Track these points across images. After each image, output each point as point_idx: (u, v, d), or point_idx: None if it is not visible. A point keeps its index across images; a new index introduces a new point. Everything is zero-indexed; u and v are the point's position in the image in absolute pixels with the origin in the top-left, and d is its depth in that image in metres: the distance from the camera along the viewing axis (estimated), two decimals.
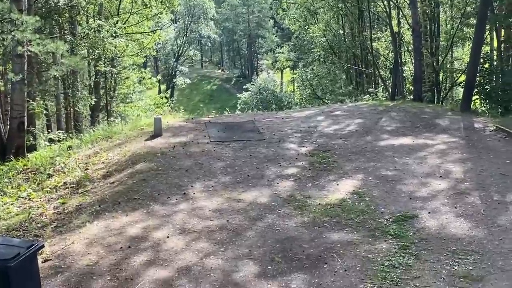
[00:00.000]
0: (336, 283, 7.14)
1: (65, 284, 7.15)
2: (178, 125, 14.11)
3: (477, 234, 8.25)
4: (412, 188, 9.73)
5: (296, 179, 9.99)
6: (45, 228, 8.75)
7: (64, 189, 10.08)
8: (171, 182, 9.81)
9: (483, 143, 11.92)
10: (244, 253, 7.75)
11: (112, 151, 12.20)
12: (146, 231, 8.33)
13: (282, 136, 12.75)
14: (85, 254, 7.78)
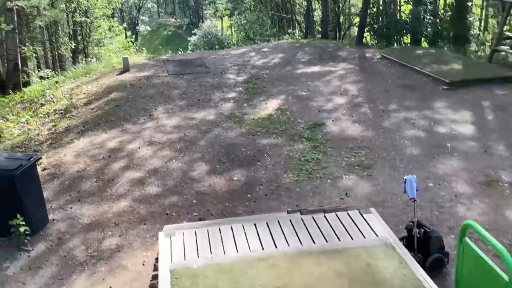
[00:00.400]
0: (266, 174, 7.87)
1: (61, 186, 7.80)
2: (142, 62, 14.17)
3: (367, 134, 9.10)
4: (320, 103, 10.32)
5: (235, 101, 10.46)
6: (41, 145, 9.27)
7: (54, 114, 10.34)
8: (139, 107, 10.15)
9: (372, 68, 12.51)
10: (198, 157, 8.46)
11: (91, 84, 12.33)
12: (121, 144, 8.89)
13: (223, 68, 13.07)
14: (74, 163, 8.39)
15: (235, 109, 10.26)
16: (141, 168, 8.06)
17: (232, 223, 5.70)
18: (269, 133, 9.15)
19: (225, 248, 5.11)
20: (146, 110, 10.25)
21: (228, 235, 5.38)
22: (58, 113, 10.64)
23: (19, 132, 9.86)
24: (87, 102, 11.04)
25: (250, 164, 8.09)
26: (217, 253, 5.02)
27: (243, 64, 13.64)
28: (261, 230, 5.48)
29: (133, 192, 7.40)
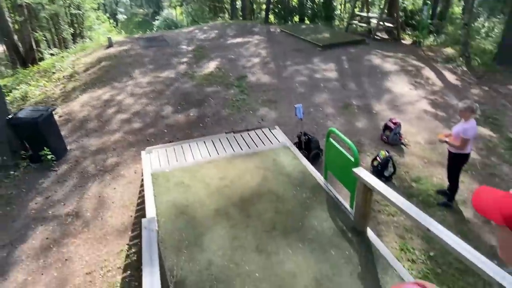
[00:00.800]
0: (211, 110, 7.92)
1: (73, 127, 7.50)
2: (121, 40, 13.24)
3: (273, 81, 9.16)
4: (243, 63, 10.22)
5: (187, 63, 10.17)
6: (56, 100, 8.66)
7: (63, 79, 9.66)
8: (122, 70, 9.65)
9: (275, 39, 12.42)
10: (165, 102, 8.31)
11: (87, 57, 11.46)
12: (112, 96, 8.53)
13: (178, 42, 12.50)
14: (81, 111, 8.02)
15: (188, 69, 9.92)
16: (127, 111, 7.80)
17: (190, 142, 5.72)
18: (212, 83, 8.96)
19: (186, 157, 5.17)
20: (127, 72, 9.71)
21: (188, 150, 5.43)
22: (66, 78, 9.93)
23: (39, 92, 9.18)
24: (85, 69, 10.35)
25: (200, 104, 7.99)
26: (181, 161, 5.07)
27: (191, 38, 13.11)
28: (209, 145, 5.55)
29: (123, 127, 7.22)
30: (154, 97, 8.34)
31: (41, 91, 9.28)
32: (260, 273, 3.23)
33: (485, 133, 6.84)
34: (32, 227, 4.84)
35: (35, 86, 9.66)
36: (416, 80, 8.99)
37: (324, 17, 16.44)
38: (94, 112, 7.78)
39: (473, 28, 11.96)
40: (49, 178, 5.82)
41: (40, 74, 10.76)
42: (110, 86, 8.98)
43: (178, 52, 11.39)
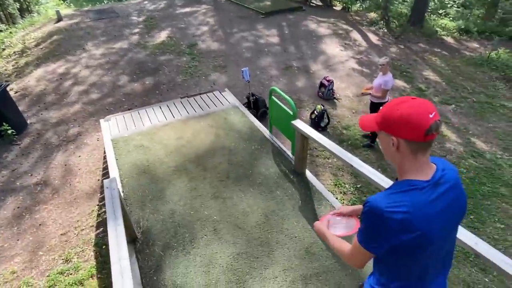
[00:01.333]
0: (166, 78, 7.51)
1: (31, 101, 6.80)
2: (71, 13, 11.73)
3: (222, 48, 8.78)
4: (193, 31, 9.61)
5: (139, 34, 9.37)
6: (10, 76, 7.67)
7: (14, 55, 8.50)
8: (74, 43, 8.67)
9: (221, 7, 11.71)
10: (120, 72, 7.70)
11: (36, 31, 10.08)
12: (67, 70, 7.72)
13: (128, 13, 11.36)
14: (37, 86, 7.22)
15: (140, 39, 9.12)
16: (84, 83, 7.15)
17: (147, 108, 5.46)
18: (164, 52, 8.38)
19: (144, 122, 4.96)
20: (79, 45, 8.74)
21: (145, 115, 5.19)
22: (17, 53, 8.75)
23: None
24: (36, 44, 9.15)
25: (155, 73, 7.52)
26: (139, 126, 4.86)
27: (141, 9, 11.97)
28: (165, 110, 5.34)
29: (82, 99, 6.66)
30: (109, 68, 7.69)
31: None
32: (218, 216, 3.31)
33: (400, 84, 7.23)
34: (2, 198, 4.51)
35: None
36: (346, 42, 9.10)
37: None
38: (51, 86, 7.06)
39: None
40: (12, 151, 5.35)
41: None
42: (64, 59, 8.11)
43: (129, 23, 10.43)
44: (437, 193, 1.13)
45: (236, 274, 2.73)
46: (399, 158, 1.17)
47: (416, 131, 1.07)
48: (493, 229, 4.01)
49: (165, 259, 2.89)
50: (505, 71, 7.90)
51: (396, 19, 10.82)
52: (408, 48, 9.17)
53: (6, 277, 3.55)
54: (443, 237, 1.18)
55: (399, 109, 1.10)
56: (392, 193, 1.12)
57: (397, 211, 1.06)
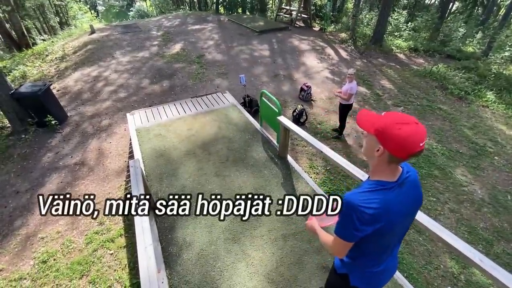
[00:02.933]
0: (179, 82, 7.42)
1: (70, 98, 6.65)
2: (102, 28, 11.39)
3: (224, 58, 8.61)
4: (201, 44, 9.39)
5: (158, 46, 9.13)
6: (52, 78, 7.45)
7: (56, 60, 8.26)
8: (105, 52, 8.44)
9: (224, 26, 11.47)
10: (143, 76, 7.54)
11: (73, 41, 9.78)
12: (99, 73, 7.52)
13: (149, 28, 11.08)
14: (75, 85, 7.04)
15: (158, 50, 8.91)
16: (113, 84, 7.00)
17: (164, 105, 5.39)
18: (178, 61, 8.20)
19: (161, 116, 4.90)
20: (110, 53, 8.52)
21: (163, 111, 5.13)
22: (58, 59, 8.51)
23: (36, 72, 7.80)
24: (74, 52, 8.90)
25: (171, 77, 7.38)
26: (157, 119, 4.81)
27: (159, 25, 11.69)
28: (178, 106, 5.27)
29: (112, 97, 6.53)
30: (133, 72, 7.54)
31: (38, 71, 7.97)
32: (219, 189, 3.34)
33: (362, 90, 7.26)
34: (48, 175, 4.46)
35: (31, 67, 8.24)
36: (322, 56, 9.07)
37: (259, 9, 15.46)
38: (86, 86, 6.92)
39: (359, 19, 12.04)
40: (56, 138, 5.26)
41: (35, 57, 9.16)
42: (96, 65, 7.93)
43: (150, 37, 10.21)
44: (401, 192, 1.12)
45: (232, 233, 2.78)
46: (376, 162, 1.12)
47: (404, 152, 1.02)
48: (427, 202, 4.14)
49: (177, 222, 2.92)
50: (443, 82, 7.99)
51: (361, 39, 10.78)
52: (370, 62, 9.18)
53: (52, 236, 3.56)
54: (402, 225, 1.20)
55: (401, 128, 1.01)
56: (365, 191, 1.10)
57: (369, 207, 1.06)
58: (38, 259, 3.31)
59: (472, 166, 4.90)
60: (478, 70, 8.70)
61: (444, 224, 3.75)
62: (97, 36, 10.19)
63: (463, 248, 1.67)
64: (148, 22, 12.55)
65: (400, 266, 3.17)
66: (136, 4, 33.07)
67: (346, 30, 11.63)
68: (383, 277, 1.36)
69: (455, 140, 5.60)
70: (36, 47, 10.74)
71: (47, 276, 3.14)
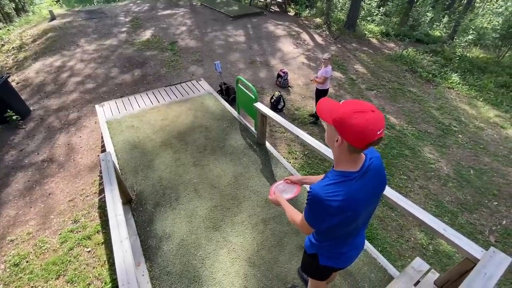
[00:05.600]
0: (152, 70, 7.04)
1: (32, 91, 6.09)
2: (64, 13, 10.43)
3: (199, 45, 8.31)
4: (173, 30, 8.98)
5: (127, 33, 8.59)
6: (10, 69, 6.81)
7: (13, 50, 7.50)
8: (68, 40, 7.79)
9: (197, 11, 11.00)
10: (112, 65, 7.08)
11: (32, 29, 8.90)
12: (63, 63, 6.96)
13: (116, 14, 10.32)
14: (36, 77, 6.49)
15: (128, 37, 8.37)
16: (79, 75, 6.53)
17: (136, 95, 5.15)
18: (150, 48, 7.77)
19: (133, 107, 4.69)
20: (73, 42, 7.88)
21: (135, 101, 4.91)
22: (16, 49, 7.75)
23: None
24: (33, 40, 8.14)
25: (142, 66, 7.00)
26: (129, 110, 4.60)
27: (127, 11, 10.94)
28: (151, 96, 5.07)
29: (79, 88, 6.10)
30: (101, 61, 7.05)
31: None
32: (197, 179, 3.29)
33: (337, 75, 7.37)
34: (13, 174, 4.15)
35: None
36: (297, 42, 9.01)
37: None
38: (49, 77, 6.40)
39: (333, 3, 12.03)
40: (18, 134, 4.87)
41: None
42: (59, 54, 7.32)
43: (117, 23, 9.55)
44: (364, 181, 1.11)
45: (212, 221, 2.78)
46: (337, 151, 1.11)
47: (361, 142, 0.99)
48: (399, 180, 4.37)
49: (155, 214, 2.86)
50: (412, 65, 8.29)
51: (335, 24, 10.81)
52: (344, 47, 9.28)
53: (23, 238, 3.37)
54: (367, 211, 1.22)
55: (356, 117, 0.97)
56: (330, 183, 1.08)
57: (334, 199, 1.05)
58: (9, 263, 3.13)
59: (439, 145, 5.21)
60: (444, 54, 9.11)
61: (413, 200, 4.00)
62: (58, 23, 9.37)
63: (429, 220, 1.79)
64: (114, 7, 11.70)
65: (374, 241, 3.35)
66: None
67: (321, 15, 11.60)
68: (351, 254, 1.42)
69: (423, 120, 5.90)
70: None
71: (20, 279, 2.98)
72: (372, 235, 3.42)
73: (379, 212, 3.75)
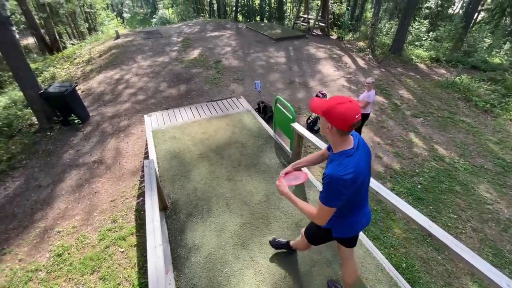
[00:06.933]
0: (196, 86, 7.49)
1: (93, 99, 6.88)
2: (127, 33, 11.88)
3: (241, 64, 8.66)
4: (219, 50, 9.51)
5: (177, 51, 9.34)
6: (78, 79, 7.83)
7: (82, 63, 8.67)
8: (128, 56, 8.75)
9: (242, 33, 11.60)
10: (161, 80, 7.70)
11: (100, 46, 10.25)
12: (121, 76, 7.78)
13: (170, 35, 11.41)
14: (98, 87, 7.33)
15: (178, 55, 9.11)
16: (133, 87, 7.23)
17: (180, 108, 5.50)
18: (196, 66, 8.35)
19: (177, 119, 4.99)
20: (132, 58, 8.83)
21: (179, 114, 5.22)
22: (84, 62, 8.94)
23: (65, 73, 8.22)
24: (99, 56, 9.31)
25: (188, 82, 7.52)
26: (173, 121, 4.90)
27: (180, 32, 12.01)
28: (194, 110, 5.36)
29: (131, 99, 6.73)
30: (153, 76, 7.75)
31: (66, 72, 8.38)
32: (230, 194, 3.32)
33: (380, 99, 7.09)
34: (68, 171, 4.63)
35: (60, 69, 8.70)
36: (338, 64, 8.96)
37: (277, 17, 15.60)
38: (108, 88, 7.19)
39: (378, 28, 11.85)
40: (77, 136, 5.48)
41: (64, 60, 9.66)
42: (119, 68, 8.24)
43: (170, 43, 10.51)
44: (359, 153, 1.42)
45: (241, 239, 2.74)
46: (331, 137, 1.42)
47: (344, 125, 1.31)
48: (447, 219, 3.92)
49: (187, 224, 2.92)
50: (466, 93, 7.65)
51: (380, 48, 10.59)
52: (388, 71, 8.97)
53: (68, 230, 3.66)
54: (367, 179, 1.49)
55: (339, 108, 1.29)
56: (338, 163, 1.36)
57: (348, 173, 1.32)
58: (54, 252, 3.41)
59: (498, 183, 4.61)
60: (505, 82, 8.27)
61: (466, 244, 3.52)
62: (121, 41, 10.63)
63: (487, 271, 1.55)
64: (169, 28, 12.96)
65: (415, 285, 2.99)
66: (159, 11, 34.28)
67: (364, 39, 11.47)
68: (363, 221, 1.67)
69: (479, 154, 5.30)
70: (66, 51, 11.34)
71: (61, 269, 3.22)
72: (413, 277, 3.06)
73: (422, 252, 3.37)
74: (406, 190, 4.30)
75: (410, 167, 4.81)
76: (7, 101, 7.10)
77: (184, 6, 25.85)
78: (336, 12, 13.62)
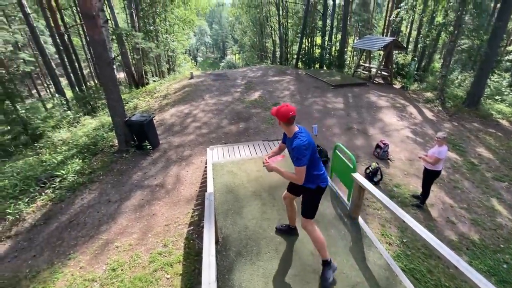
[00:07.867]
0: (253, 125, 7.84)
1: (164, 129, 7.68)
2: (199, 74, 13.67)
3: (298, 107, 8.91)
4: (278, 94, 10.04)
5: (240, 92, 10.16)
6: (155, 111, 9.02)
7: (160, 97, 10.10)
8: (198, 94, 9.86)
9: (301, 79, 12.13)
10: (223, 117, 8.32)
11: (176, 84, 11.90)
12: (190, 111, 8.68)
13: (235, 77, 12.62)
14: (170, 119, 8.26)
15: (240, 96, 9.90)
16: (199, 121, 7.96)
17: (238, 144, 5.79)
18: (256, 107, 8.90)
19: (235, 154, 5.24)
20: (201, 96, 9.91)
21: (237, 150, 5.49)
22: (162, 97, 10.39)
23: (145, 105, 9.66)
24: (174, 92, 10.76)
25: (247, 120, 7.98)
26: (232, 156, 5.15)
27: (244, 75, 13.23)
28: (251, 147, 5.58)
29: (196, 132, 7.37)
30: (217, 113, 8.44)
31: (146, 104, 9.82)
32: (280, 239, 3.21)
33: (452, 156, 6.36)
34: (134, 191, 5.12)
35: (142, 101, 10.25)
36: (402, 114, 8.55)
37: (337, 65, 16.07)
38: (178, 120, 8.03)
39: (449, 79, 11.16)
40: (147, 160, 6.12)
41: (146, 93, 11.41)
42: (189, 104, 9.24)
43: (235, 84, 11.53)
44: (304, 131, 2.41)
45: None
46: (284, 127, 2.42)
47: (285, 119, 2.33)
48: None
49: (236, 263, 2.87)
50: None
51: (451, 100, 9.82)
52: (462, 125, 8.13)
53: (125, 247, 3.94)
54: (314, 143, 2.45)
55: (282, 111, 2.32)
56: (297, 138, 2.31)
57: (305, 140, 2.31)
58: (110, 266, 3.67)
59: None
60: None
61: None
62: (194, 81, 12.18)
63: None
64: (235, 72, 14.44)
65: None
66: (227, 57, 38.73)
67: (432, 90, 10.85)
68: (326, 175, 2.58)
69: None
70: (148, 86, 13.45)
71: (113, 284, 3.42)
72: None
73: None
74: (488, 268, 3.56)
75: (493, 240, 4.03)
76: (97, 123, 8.56)
77: (249, 52, 28.76)
78: (400, 62, 13.42)
